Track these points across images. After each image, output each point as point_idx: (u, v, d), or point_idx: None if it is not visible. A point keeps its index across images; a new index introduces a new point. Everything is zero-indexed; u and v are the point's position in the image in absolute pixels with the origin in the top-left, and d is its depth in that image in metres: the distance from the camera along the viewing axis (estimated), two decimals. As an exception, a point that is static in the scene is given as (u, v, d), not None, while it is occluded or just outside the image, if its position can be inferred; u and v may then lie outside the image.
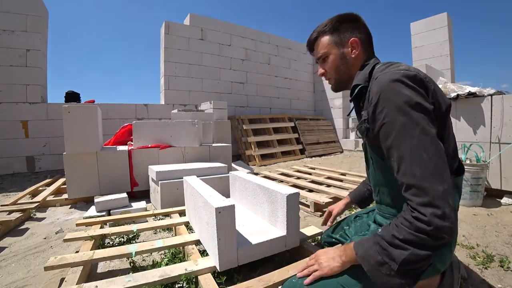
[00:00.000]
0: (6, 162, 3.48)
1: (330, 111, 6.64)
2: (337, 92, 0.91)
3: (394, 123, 0.61)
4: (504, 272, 1.08)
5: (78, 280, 0.95)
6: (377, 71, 0.72)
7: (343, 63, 0.82)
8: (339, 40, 0.81)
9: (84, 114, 2.13)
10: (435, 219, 0.53)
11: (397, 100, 0.61)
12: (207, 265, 1.00)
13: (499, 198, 2.03)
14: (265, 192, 1.25)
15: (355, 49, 0.80)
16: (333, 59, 0.82)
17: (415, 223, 0.55)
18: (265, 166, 4.29)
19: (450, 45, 4.92)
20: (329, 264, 0.72)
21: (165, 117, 4.37)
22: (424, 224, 0.54)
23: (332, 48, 0.81)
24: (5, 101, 3.49)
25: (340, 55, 0.81)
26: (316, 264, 0.74)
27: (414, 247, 0.56)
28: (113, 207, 1.88)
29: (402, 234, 0.57)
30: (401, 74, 0.63)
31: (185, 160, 2.56)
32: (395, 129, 0.60)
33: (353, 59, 0.81)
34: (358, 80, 0.78)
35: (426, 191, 0.55)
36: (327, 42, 0.82)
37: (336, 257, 0.72)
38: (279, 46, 6.30)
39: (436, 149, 0.57)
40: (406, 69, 0.65)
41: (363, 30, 0.82)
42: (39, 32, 3.71)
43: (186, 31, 4.97)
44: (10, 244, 1.44)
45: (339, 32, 0.81)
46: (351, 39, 0.80)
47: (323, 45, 0.82)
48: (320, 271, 0.72)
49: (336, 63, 0.82)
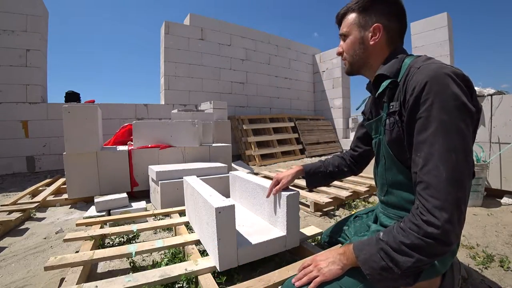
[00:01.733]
0: (6, 162, 3.47)
1: (330, 111, 6.64)
2: (349, 75, 0.87)
3: (435, 119, 0.57)
4: (504, 272, 1.07)
5: (78, 280, 0.95)
6: (417, 62, 0.67)
7: (360, 47, 0.76)
8: (364, 21, 0.75)
9: (84, 114, 2.13)
10: (447, 224, 0.52)
11: (444, 96, 0.57)
12: (207, 265, 1.00)
13: (499, 198, 2.03)
14: (265, 192, 1.24)
15: (375, 36, 0.74)
16: (352, 40, 0.77)
17: (424, 228, 0.54)
18: (265, 166, 4.29)
19: (450, 45, 4.92)
20: (330, 268, 0.68)
21: (165, 117, 4.37)
22: (434, 228, 0.53)
23: (354, 29, 0.76)
24: (5, 101, 3.49)
25: (359, 39, 0.76)
26: (315, 270, 0.70)
27: (420, 254, 0.55)
28: (113, 207, 1.88)
29: (410, 239, 0.56)
30: (450, 69, 0.60)
31: (185, 160, 2.56)
32: (434, 125, 0.57)
33: (371, 47, 0.75)
34: (386, 71, 0.72)
35: (445, 195, 0.53)
36: (351, 21, 0.77)
37: (337, 261, 0.69)
38: (279, 46, 6.30)
39: (467, 156, 0.56)
40: (451, 66, 0.62)
41: (395, 17, 0.74)
42: (39, 32, 3.71)
43: (186, 31, 4.97)
44: (10, 244, 1.44)
45: (367, 13, 0.74)
46: (375, 24, 0.73)
47: (347, 23, 0.78)
48: (321, 276, 0.68)
49: (354, 47, 0.77)
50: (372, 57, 0.77)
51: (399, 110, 0.68)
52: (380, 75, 0.73)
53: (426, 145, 0.58)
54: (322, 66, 6.84)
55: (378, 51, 0.76)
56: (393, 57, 0.74)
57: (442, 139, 0.56)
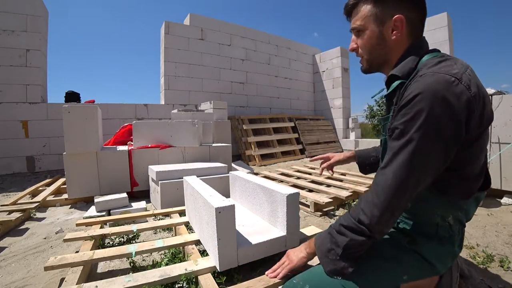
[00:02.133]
0: (6, 162, 3.47)
1: (330, 111, 6.63)
2: (366, 73, 0.78)
3: (410, 136, 0.57)
4: (504, 272, 1.08)
5: (78, 280, 0.95)
6: (426, 65, 0.61)
7: (379, 43, 0.68)
8: (381, 14, 0.66)
9: (84, 114, 2.13)
10: (374, 220, 0.61)
11: (427, 117, 0.55)
12: (207, 265, 1.00)
13: (499, 198, 2.03)
14: (265, 192, 1.24)
15: (397, 30, 0.66)
16: (369, 36, 0.68)
17: (360, 216, 0.64)
18: (265, 166, 4.29)
19: (450, 45, 4.91)
20: (297, 255, 0.84)
21: (165, 117, 4.37)
22: (366, 219, 0.62)
23: (370, 23, 0.67)
24: (5, 101, 3.49)
25: (378, 34, 0.67)
26: (287, 260, 0.87)
27: (352, 233, 0.64)
28: (113, 207, 1.88)
29: (347, 222, 0.66)
30: (448, 86, 0.55)
31: (185, 160, 2.56)
32: (406, 141, 0.58)
33: (393, 42, 0.67)
34: (398, 71, 0.66)
35: (384, 198, 0.60)
36: (366, 13, 0.67)
37: (302, 250, 0.84)
38: (279, 46, 6.30)
39: (422, 175, 0.59)
40: (457, 77, 0.56)
41: (415, 6, 0.66)
42: (39, 32, 3.71)
43: (186, 31, 4.97)
44: (10, 244, 1.44)
45: (384, 3, 0.65)
46: (395, 16, 0.64)
47: (361, 16, 0.68)
48: (290, 263, 0.85)
49: (371, 43, 0.69)
50: (393, 53, 0.69)
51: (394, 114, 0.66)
52: (392, 75, 0.68)
53: (392, 153, 0.61)
54: (322, 66, 6.84)
55: (399, 45, 0.68)
56: (412, 52, 0.67)
57: (407, 156, 0.58)
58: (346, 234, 0.65)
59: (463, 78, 0.56)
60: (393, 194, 0.59)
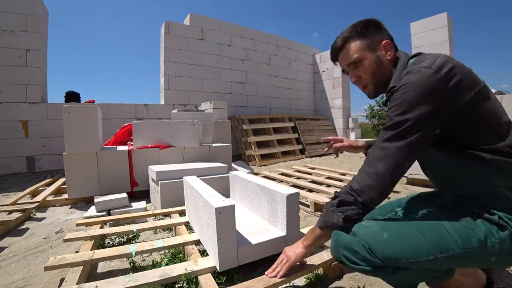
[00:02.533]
0: (6, 162, 3.48)
1: (330, 111, 6.64)
2: (374, 98, 0.88)
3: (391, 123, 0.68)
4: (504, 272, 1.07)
5: (78, 280, 0.95)
6: (410, 65, 0.73)
7: (379, 66, 0.79)
8: (371, 43, 0.78)
9: (84, 114, 2.13)
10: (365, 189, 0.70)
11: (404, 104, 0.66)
12: (207, 265, 1.00)
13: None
14: (265, 192, 1.25)
15: (389, 51, 0.79)
16: (369, 63, 0.79)
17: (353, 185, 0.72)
18: (265, 166, 4.29)
19: (450, 45, 4.91)
20: (294, 251, 0.86)
21: (165, 117, 4.37)
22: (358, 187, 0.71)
23: (366, 52, 0.78)
24: (5, 101, 3.49)
25: (375, 59, 0.79)
26: (285, 257, 0.89)
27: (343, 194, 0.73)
28: (113, 207, 1.88)
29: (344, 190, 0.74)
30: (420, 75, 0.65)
31: (185, 160, 2.56)
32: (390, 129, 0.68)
33: (388, 62, 0.79)
34: (395, 82, 0.76)
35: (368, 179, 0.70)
36: (358, 47, 0.78)
37: (299, 245, 0.86)
38: (279, 46, 6.30)
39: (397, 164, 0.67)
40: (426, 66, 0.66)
41: (387, 33, 0.81)
42: (39, 32, 3.71)
43: (186, 31, 4.97)
44: (10, 244, 1.44)
45: (369, 37, 0.79)
46: (383, 42, 0.79)
47: (355, 50, 0.79)
48: (289, 261, 0.87)
49: (373, 68, 0.79)
50: (389, 71, 0.80)
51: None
52: (392, 87, 0.76)
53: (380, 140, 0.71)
54: (322, 66, 6.84)
55: (391, 62, 0.80)
56: (398, 62, 0.78)
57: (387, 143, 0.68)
58: (339, 195, 0.74)
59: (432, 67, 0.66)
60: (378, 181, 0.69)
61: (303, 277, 1.04)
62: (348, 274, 1.09)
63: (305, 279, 1.04)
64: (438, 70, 0.64)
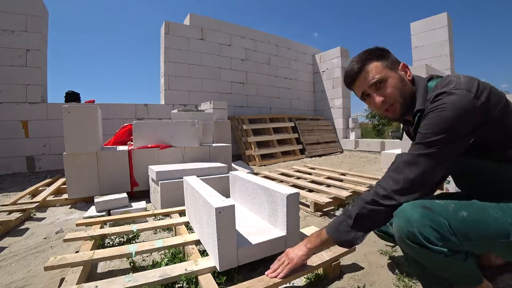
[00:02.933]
0: (6, 162, 3.47)
1: (330, 111, 6.64)
2: (399, 120, 0.85)
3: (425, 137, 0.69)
4: (504, 272, 1.07)
5: (78, 280, 0.95)
6: (436, 87, 0.73)
7: (404, 85, 0.78)
8: (390, 64, 0.78)
9: (84, 114, 2.13)
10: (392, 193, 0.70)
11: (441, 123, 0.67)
12: (207, 265, 1.00)
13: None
14: (265, 192, 1.25)
15: (409, 72, 0.80)
16: (394, 82, 0.77)
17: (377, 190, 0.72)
18: (265, 166, 4.29)
19: (450, 45, 4.92)
20: (296, 253, 0.86)
21: (165, 117, 4.37)
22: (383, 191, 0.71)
23: (388, 72, 0.77)
24: (5, 101, 3.49)
25: (399, 78, 0.78)
26: (286, 259, 0.88)
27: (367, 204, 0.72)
28: (113, 207, 1.88)
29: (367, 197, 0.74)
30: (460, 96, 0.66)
31: (185, 160, 2.56)
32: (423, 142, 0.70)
33: (410, 82, 0.79)
34: (420, 104, 0.75)
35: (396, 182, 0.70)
36: (380, 67, 0.77)
37: (301, 248, 0.86)
38: (279, 46, 6.30)
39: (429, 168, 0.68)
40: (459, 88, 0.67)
41: (394, 56, 0.82)
42: (39, 32, 3.71)
43: (186, 31, 4.97)
44: (10, 244, 1.44)
45: (386, 57, 0.79)
46: (401, 63, 0.80)
47: (378, 70, 0.77)
48: (291, 263, 0.86)
49: (399, 86, 0.77)
50: (412, 89, 0.79)
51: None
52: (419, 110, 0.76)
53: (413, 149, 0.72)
54: (322, 66, 6.84)
55: (411, 83, 0.80)
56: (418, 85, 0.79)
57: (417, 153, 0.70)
58: (358, 204, 0.73)
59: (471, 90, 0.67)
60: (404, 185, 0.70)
61: (303, 277, 1.04)
62: (348, 274, 1.09)
63: (305, 279, 1.04)
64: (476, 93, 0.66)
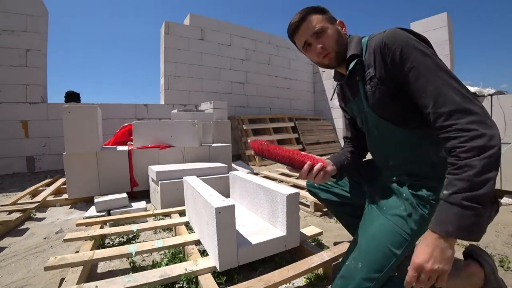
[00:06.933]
0: (6, 162, 3.47)
1: (330, 111, 6.63)
2: (334, 68, 0.92)
3: (423, 64, 0.68)
4: (504, 272, 1.08)
5: (78, 280, 0.95)
6: (373, 35, 0.80)
7: (340, 36, 0.86)
8: (330, 18, 0.86)
9: (84, 114, 2.13)
10: (486, 130, 0.57)
11: (417, 45, 0.70)
12: (207, 265, 1.00)
13: (499, 198, 2.03)
14: (265, 192, 1.25)
15: (344, 27, 0.89)
16: (332, 32, 0.84)
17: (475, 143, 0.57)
18: (265, 166, 4.29)
19: (450, 45, 4.91)
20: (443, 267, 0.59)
21: (165, 117, 4.37)
22: (483, 138, 0.57)
23: (327, 24, 0.84)
24: (5, 101, 3.49)
25: (336, 30, 0.86)
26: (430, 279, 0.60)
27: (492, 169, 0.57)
28: (113, 207, 1.88)
29: (476, 166, 0.56)
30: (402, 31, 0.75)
31: (185, 160, 2.56)
32: (426, 68, 0.67)
33: (344, 36, 0.87)
34: (354, 50, 0.82)
35: (470, 111, 0.60)
36: (320, 19, 0.84)
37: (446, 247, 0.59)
38: (279, 46, 6.30)
39: (459, 80, 0.65)
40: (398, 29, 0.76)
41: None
42: (39, 32, 3.71)
43: (186, 31, 4.97)
44: (10, 244, 1.44)
45: (326, 13, 0.87)
46: (337, 20, 0.88)
47: (318, 21, 0.84)
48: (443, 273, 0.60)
49: (335, 37, 0.85)
50: (347, 42, 0.87)
51: (375, 74, 0.77)
52: (352, 55, 0.82)
53: (430, 85, 0.66)
54: (322, 66, 6.83)
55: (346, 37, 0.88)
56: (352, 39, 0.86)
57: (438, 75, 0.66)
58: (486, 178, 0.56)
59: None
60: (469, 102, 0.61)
61: (303, 277, 1.04)
62: (348, 274, 1.09)
63: (305, 279, 1.04)
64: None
